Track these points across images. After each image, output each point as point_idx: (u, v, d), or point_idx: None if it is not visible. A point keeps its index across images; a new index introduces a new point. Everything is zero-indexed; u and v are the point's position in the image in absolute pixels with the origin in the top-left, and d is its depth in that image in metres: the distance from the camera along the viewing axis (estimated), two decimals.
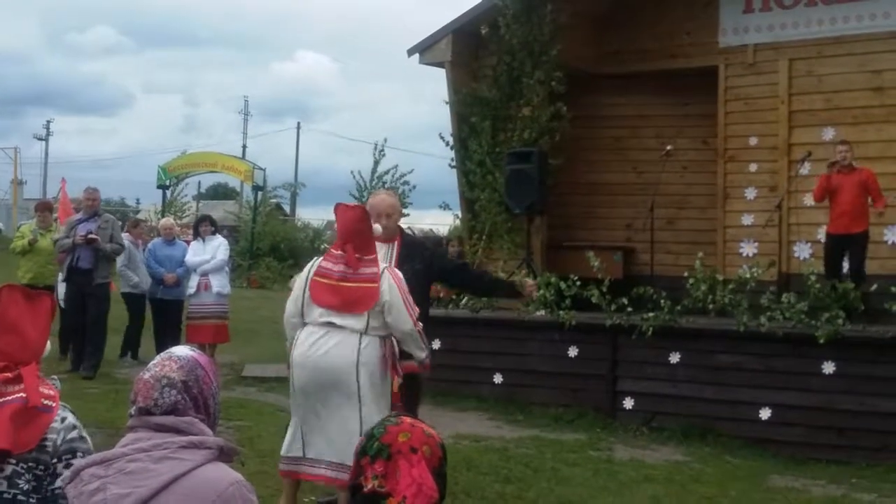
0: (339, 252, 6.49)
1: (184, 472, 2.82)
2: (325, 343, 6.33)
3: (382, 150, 29.15)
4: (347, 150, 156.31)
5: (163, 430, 2.91)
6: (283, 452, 6.58)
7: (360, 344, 6.30)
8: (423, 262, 7.30)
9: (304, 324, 6.47)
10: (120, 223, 15.33)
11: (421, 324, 6.51)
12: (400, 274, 6.54)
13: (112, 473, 2.84)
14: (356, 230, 6.49)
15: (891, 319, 9.89)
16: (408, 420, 3.10)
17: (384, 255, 7.11)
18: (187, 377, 3.01)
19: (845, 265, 11.49)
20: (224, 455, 2.94)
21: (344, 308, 6.36)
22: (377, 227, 6.79)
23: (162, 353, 3.09)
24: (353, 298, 6.36)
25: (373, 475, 2.93)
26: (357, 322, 6.33)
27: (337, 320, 6.34)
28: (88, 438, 3.60)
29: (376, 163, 29.16)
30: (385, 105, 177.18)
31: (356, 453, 3.01)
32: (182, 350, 3.11)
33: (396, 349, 6.55)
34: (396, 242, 7.30)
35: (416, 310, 6.48)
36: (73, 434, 3.54)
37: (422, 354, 6.65)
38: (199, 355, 3.11)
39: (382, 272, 6.42)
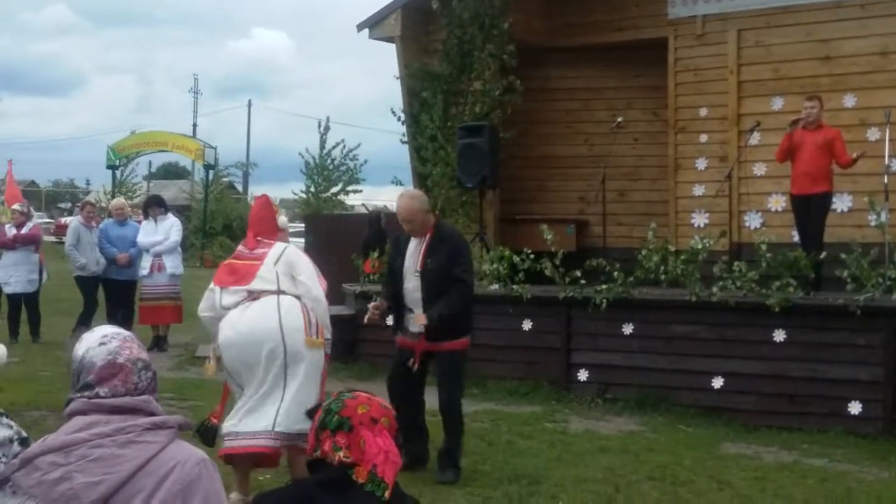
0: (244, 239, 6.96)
1: (152, 455, 2.79)
2: (246, 316, 6.53)
3: (327, 127, 29.10)
4: (302, 127, 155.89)
5: (120, 412, 2.84)
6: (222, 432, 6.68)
7: (278, 306, 6.48)
8: (447, 256, 7.52)
9: (223, 313, 6.70)
10: (70, 205, 15.24)
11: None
12: (303, 253, 6.92)
13: (75, 461, 2.76)
14: (260, 216, 7.01)
15: (842, 286, 9.98)
16: (363, 394, 3.12)
17: (415, 247, 7.56)
18: (148, 356, 3.00)
19: None
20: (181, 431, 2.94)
21: (233, 283, 6.67)
22: (283, 220, 7.20)
23: (111, 335, 3.00)
24: (240, 273, 6.69)
25: (334, 446, 2.95)
26: (269, 284, 6.55)
27: (248, 287, 6.58)
28: (30, 438, 3.28)
29: (322, 139, 29.13)
30: (341, 81, 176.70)
31: (313, 428, 3.02)
32: (122, 329, 3.07)
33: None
34: (429, 235, 7.57)
35: (324, 282, 6.76)
36: (16, 448, 3.19)
37: (326, 333, 6.75)
38: (130, 332, 3.09)
39: (285, 248, 6.74)
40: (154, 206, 14.19)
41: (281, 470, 7.02)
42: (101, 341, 2.97)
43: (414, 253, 7.58)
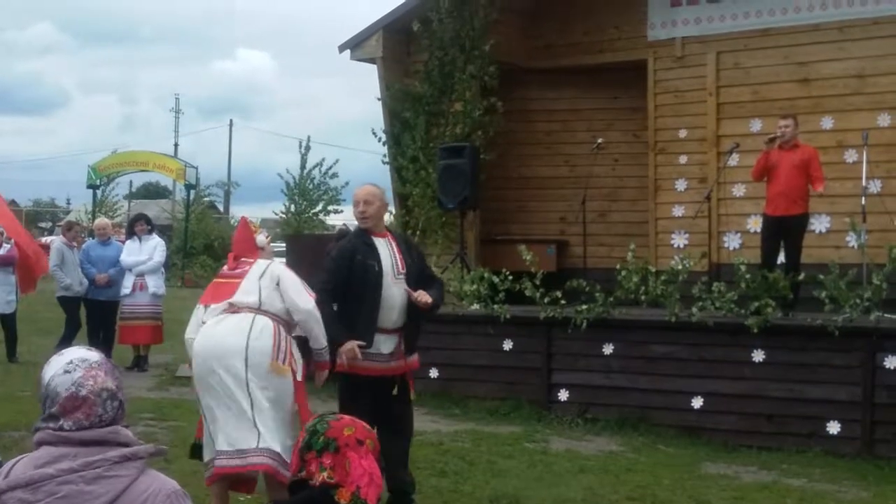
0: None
1: (122, 489, 2.72)
2: (218, 328, 6.41)
3: (308, 146, 29.12)
4: (284, 147, 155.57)
5: (87, 445, 2.76)
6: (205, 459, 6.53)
7: (251, 326, 6.33)
8: (418, 258, 7.29)
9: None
10: (50, 224, 15.18)
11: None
12: (287, 268, 6.78)
13: (43, 498, 2.68)
14: (239, 237, 7.00)
15: (819, 307, 10.04)
16: (346, 416, 3.14)
17: (385, 248, 7.01)
18: (118, 383, 2.87)
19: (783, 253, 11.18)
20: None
21: (216, 300, 6.60)
22: (260, 238, 6.94)
23: (77, 362, 2.85)
24: (223, 291, 6.64)
25: (320, 467, 2.96)
26: (250, 297, 6.46)
27: (230, 300, 6.50)
28: (1, 461, 3.22)
29: (303, 159, 29.13)
30: (324, 102, 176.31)
31: (298, 449, 3.03)
32: (93, 354, 2.92)
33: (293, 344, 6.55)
34: (391, 238, 7.13)
35: (313, 294, 6.56)
36: None
37: (322, 341, 6.56)
38: (102, 354, 2.95)
39: (269, 263, 6.69)
40: (141, 223, 14.15)
41: (260, 492, 6.98)
42: (65, 369, 2.83)
43: (388, 254, 6.96)
